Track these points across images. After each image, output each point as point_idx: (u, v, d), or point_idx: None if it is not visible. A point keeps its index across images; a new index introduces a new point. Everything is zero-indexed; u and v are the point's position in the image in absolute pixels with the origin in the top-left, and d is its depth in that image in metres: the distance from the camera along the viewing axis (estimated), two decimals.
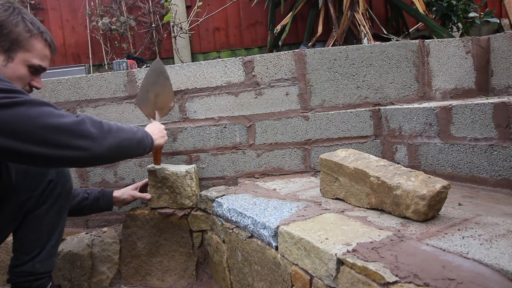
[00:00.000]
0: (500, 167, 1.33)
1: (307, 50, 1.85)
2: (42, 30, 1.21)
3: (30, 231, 1.34)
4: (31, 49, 1.17)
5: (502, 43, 1.81)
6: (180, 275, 1.76)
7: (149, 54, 3.52)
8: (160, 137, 1.49)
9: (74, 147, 1.00)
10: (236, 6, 3.45)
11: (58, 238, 1.41)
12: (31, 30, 1.17)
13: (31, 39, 1.17)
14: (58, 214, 1.39)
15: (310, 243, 0.98)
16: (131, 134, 1.21)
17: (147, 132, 1.36)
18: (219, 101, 1.88)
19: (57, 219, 1.40)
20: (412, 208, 1.04)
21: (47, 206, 1.35)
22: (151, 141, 1.36)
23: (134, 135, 1.22)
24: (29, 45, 1.17)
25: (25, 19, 1.17)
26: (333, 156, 1.36)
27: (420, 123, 1.60)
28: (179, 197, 1.68)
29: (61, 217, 1.41)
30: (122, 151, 1.15)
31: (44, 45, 1.21)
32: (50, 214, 1.36)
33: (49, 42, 1.23)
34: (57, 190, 1.37)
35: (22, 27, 1.15)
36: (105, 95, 1.93)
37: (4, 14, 1.12)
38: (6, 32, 1.12)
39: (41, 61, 1.21)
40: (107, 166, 1.95)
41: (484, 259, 0.78)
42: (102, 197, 1.63)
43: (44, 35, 1.21)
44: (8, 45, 1.13)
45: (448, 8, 2.85)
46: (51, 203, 1.36)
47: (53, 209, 1.37)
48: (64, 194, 1.41)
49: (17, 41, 1.14)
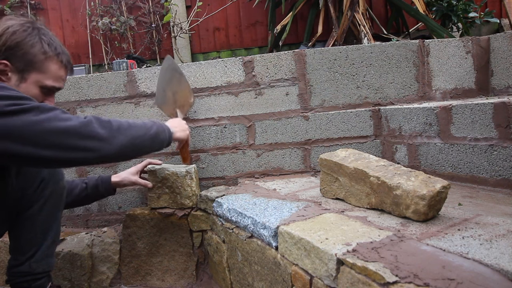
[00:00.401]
0: (500, 167, 1.33)
1: (307, 50, 1.85)
2: (58, 52, 1.19)
3: (24, 231, 1.34)
4: (45, 71, 1.17)
5: (502, 43, 1.81)
6: (180, 275, 1.76)
7: (149, 54, 3.52)
8: (181, 130, 1.47)
9: (83, 148, 1.02)
10: (236, 6, 3.45)
11: (54, 238, 1.40)
12: (46, 52, 1.16)
13: (46, 61, 1.16)
14: (51, 214, 1.39)
15: (310, 243, 0.98)
16: (144, 130, 1.20)
17: (165, 125, 1.34)
18: (219, 101, 1.88)
19: (51, 219, 1.39)
20: (412, 208, 1.04)
21: (39, 205, 1.34)
22: (169, 134, 1.33)
23: (147, 130, 1.21)
24: (44, 67, 1.16)
25: (43, 40, 1.15)
26: (333, 156, 1.36)
27: (420, 123, 1.60)
28: (179, 197, 1.68)
29: (55, 217, 1.40)
30: (135, 148, 1.16)
31: (60, 67, 1.20)
32: (43, 213, 1.36)
33: (65, 63, 1.22)
34: (49, 189, 1.37)
35: (38, 49, 1.14)
36: (105, 95, 1.93)
37: (21, 34, 1.12)
38: (21, 53, 1.12)
39: (55, 82, 1.20)
40: (107, 166, 1.95)
41: (484, 259, 0.78)
42: (101, 184, 1.63)
43: (60, 57, 1.19)
44: (22, 66, 1.13)
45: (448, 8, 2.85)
46: (42, 202, 1.35)
47: (46, 208, 1.36)
48: (57, 193, 1.40)
49: (32, 63, 1.14)
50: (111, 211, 1.98)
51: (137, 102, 1.92)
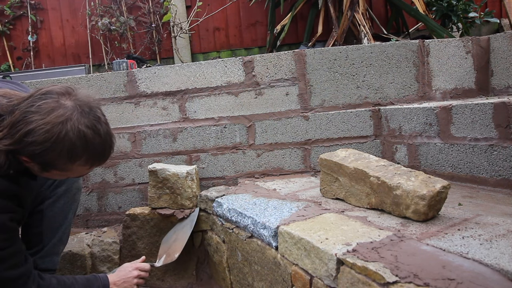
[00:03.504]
0: (500, 167, 1.33)
1: (307, 50, 1.85)
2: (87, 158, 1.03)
3: (33, 225, 1.37)
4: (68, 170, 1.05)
5: (502, 43, 1.81)
6: (180, 275, 1.76)
7: (149, 54, 3.52)
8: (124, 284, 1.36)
9: None
10: (236, 6, 3.45)
11: (62, 237, 1.42)
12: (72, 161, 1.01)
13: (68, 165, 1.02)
14: (62, 212, 1.41)
15: (310, 243, 0.98)
16: None
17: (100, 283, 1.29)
18: (219, 101, 1.88)
19: (61, 217, 1.41)
20: (412, 208, 1.04)
21: (50, 201, 1.37)
22: None
23: None
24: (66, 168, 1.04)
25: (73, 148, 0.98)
26: (333, 156, 1.36)
27: (420, 123, 1.60)
28: (180, 198, 1.68)
29: (65, 216, 1.42)
30: None
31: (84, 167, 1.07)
32: (53, 210, 1.38)
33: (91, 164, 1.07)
34: (62, 187, 1.39)
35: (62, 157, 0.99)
36: (105, 95, 1.93)
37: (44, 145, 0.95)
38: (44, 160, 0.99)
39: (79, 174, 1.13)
40: (107, 166, 1.95)
41: (484, 259, 0.78)
42: None
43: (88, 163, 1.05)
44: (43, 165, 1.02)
45: (448, 8, 2.85)
46: (54, 199, 1.38)
47: (57, 206, 1.39)
48: (70, 193, 1.42)
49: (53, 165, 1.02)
50: (111, 211, 1.98)
51: (137, 102, 1.92)
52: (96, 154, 1.05)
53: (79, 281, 1.23)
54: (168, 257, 1.63)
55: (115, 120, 1.92)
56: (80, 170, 1.07)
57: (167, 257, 1.64)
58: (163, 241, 1.70)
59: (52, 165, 1.01)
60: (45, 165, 1.01)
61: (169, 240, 1.68)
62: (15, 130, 0.95)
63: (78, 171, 1.08)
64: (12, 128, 0.95)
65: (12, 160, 0.97)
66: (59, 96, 0.99)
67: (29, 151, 0.96)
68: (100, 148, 1.05)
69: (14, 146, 0.95)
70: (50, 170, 1.04)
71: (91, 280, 1.28)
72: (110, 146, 1.08)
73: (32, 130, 0.94)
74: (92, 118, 1.01)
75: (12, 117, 0.96)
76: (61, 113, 0.96)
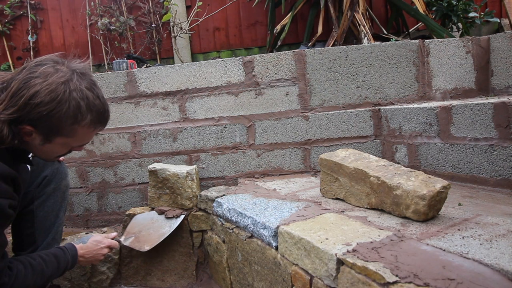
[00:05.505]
0: (500, 167, 1.33)
1: (307, 50, 1.85)
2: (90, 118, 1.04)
3: (25, 227, 1.36)
4: (72, 135, 1.06)
5: (502, 43, 1.81)
6: (180, 275, 1.76)
7: (149, 54, 3.52)
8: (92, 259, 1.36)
9: None
10: (236, 6, 3.45)
11: (55, 236, 1.41)
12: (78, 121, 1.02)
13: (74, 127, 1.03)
14: (53, 211, 1.40)
15: (310, 243, 0.98)
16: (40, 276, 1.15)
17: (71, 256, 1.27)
18: (219, 101, 1.88)
19: (53, 216, 1.40)
20: (412, 208, 1.04)
21: (40, 201, 1.36)
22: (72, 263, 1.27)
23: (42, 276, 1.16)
24: (71, 132, 1.04)
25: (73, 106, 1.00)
26: (333, 156, 1.36)
27: (420, 123, 1.60)
28: (180, 198, 1.68)
29: (57, 215, 1.42)
30: None
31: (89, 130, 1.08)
32: (44, 209, 1.37)
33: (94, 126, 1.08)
34: (51, 186, 1.38)
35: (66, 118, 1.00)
36: (105, 95, 1.91)
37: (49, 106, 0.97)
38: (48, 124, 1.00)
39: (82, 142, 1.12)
40: (107, 166, 1.95)
41: (484, 259, 0.78)
42: None
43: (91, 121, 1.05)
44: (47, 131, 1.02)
45: (448, 8, 2.85)
46: (44, 198, 1.37)
47: (47, 205, 1.38)
48: (59, 191, 1.41)
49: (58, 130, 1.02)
50: (111, 211, 1.98)
51: (137, 102, 1.92)
52: (100, 114, 1.07)
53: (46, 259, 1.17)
54: (137, 242, 1.64)
55: (115, 120, 1.92)
56: (85, 134, 1.09)
57: (135, 241, 1.64)
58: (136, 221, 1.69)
59: (57, 129, 1.02)
60: (49, 131, 1.02)
61: (144, 224, 1.67)
62: (17, 97, 0.96)
63: (82, 137, 1.09)
64: (14, 97, 0.97)
65: (15, 131, 0.98)
66: (55, 63, 1.02)
67: (34, 115, 0.97)
68: (102, 109, 1.08)
69: (18, 113, 0.96)
70: (54, 138, 1.04)
71: (59, 255, 1.21)
72: (108, 109, 1.12)
73: (37, 91, 0.96)
74: (90, 81, 1.05)
75: (9, 89, 0.98)
76: (61, 75, 0.99)
